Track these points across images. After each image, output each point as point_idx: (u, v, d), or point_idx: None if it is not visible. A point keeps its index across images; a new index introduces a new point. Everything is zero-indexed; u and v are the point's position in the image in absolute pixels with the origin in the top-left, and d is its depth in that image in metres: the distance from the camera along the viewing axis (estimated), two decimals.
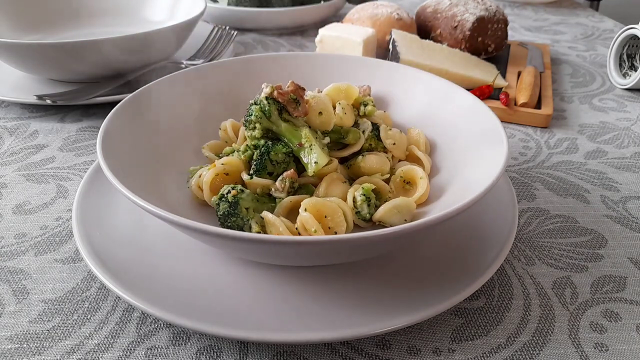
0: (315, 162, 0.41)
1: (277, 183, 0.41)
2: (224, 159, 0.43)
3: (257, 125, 0.43)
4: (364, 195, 0.40)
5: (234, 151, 0.45)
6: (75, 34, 0.82)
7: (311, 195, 0.42)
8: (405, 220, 0.40)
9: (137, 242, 0.39)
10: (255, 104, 0.43)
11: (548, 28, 1.06)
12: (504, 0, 1.24)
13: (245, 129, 0.44)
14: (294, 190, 0.41)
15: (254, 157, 0.43)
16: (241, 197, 0.39)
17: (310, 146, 0.42)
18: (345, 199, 0.41)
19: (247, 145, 0.44)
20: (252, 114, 0.43)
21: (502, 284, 0.39)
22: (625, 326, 0.36)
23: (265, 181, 0.41)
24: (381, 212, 0.40)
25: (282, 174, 0.42)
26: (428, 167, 0.46)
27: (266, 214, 0.38)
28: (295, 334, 0.31)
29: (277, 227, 0.37)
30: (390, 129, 0.47)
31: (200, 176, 0.42)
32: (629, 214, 0.48)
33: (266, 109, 0.42)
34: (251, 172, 0.42)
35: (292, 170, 0.42)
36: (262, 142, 0.43)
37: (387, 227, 0.37)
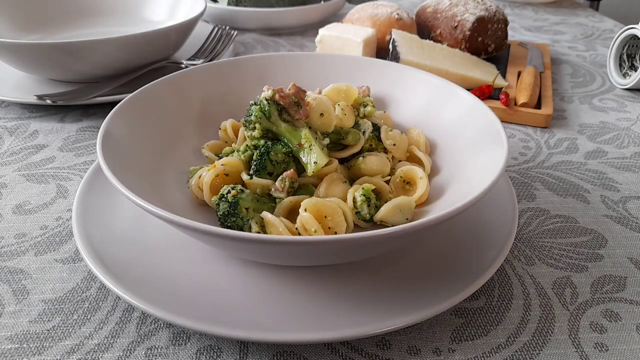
0: (314, 162, 0.41)
1: (277, 183, 0.41)
2: (224, 160, 0.43)
3: (257, 125, 0.43)
4: (364, 195, 0.40)
5: (233, 151, 0.45)
6: (76, 34, 0.82)
7: (311, 195, 0.42)
8: (407, 219, 0.40)
9: (137, 242, 0.39)
10: (255, 104, 0.43)
11: (548, 28, 1.06)
12: (504, 0, 1.24)
13: (245, 129, 0.44)
14: (293, 190, 0.41)
15: (254, 157, 0.43)
16: (241, 197, 0.39)
17: (309, 146, 0.42)
18: (345, 199, 0.41)
19: (247, 145, 0.44)
20: (252, 114, 0.43)
21: (502, 284, 0.39)
22: (625, 326, 0.36)
23: (265, 181, 0.41)
24: (383, 211, 0.40)
25: (282, 174, 0.42)
26: (428, 167, 0.46)
27: (266, 214, 0.38)
28: (295, 334, 0.31)
29: (277, 227, 0.37)
30: (391, 130, 0.47)
31: (200, 176, 0.42)
32: (629, 214, 0.48)
33: (266, 109, 0.42)
34: (251, 172, 0.42)
35: (292, 170, 0.42)
36: (262, 142, 0.43)
37: (387, 226, 0.37)
